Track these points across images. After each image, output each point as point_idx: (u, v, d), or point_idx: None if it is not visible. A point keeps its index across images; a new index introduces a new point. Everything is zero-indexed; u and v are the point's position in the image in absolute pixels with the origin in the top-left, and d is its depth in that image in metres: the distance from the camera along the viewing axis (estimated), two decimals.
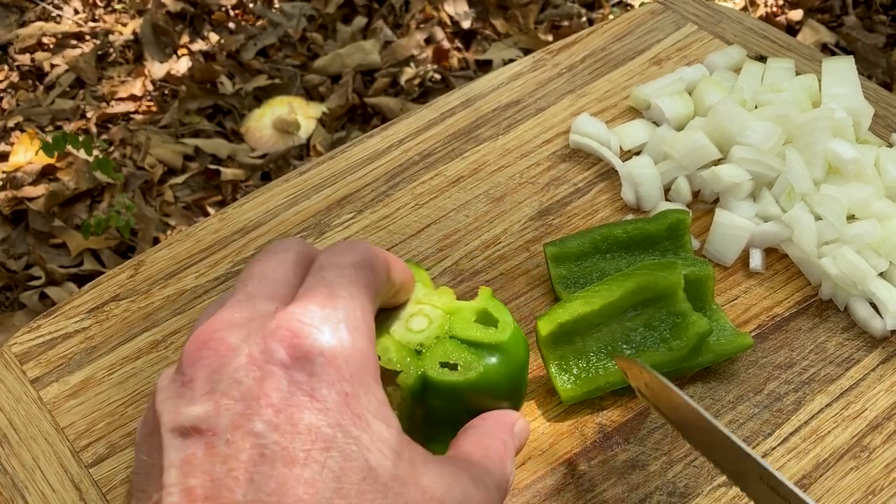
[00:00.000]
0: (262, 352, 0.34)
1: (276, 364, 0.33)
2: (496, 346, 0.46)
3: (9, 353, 0.61)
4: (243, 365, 0.33)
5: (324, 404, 0.33)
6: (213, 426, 0.32)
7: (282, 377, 0.33)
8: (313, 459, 0.32)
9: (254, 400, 0.33)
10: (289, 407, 0.33)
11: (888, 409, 0.56)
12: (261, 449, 0.32)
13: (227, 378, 0.33)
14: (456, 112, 0.75)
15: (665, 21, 0.82)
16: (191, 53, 2.03)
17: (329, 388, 0.33)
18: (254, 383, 0.33)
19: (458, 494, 0.37)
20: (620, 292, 0.56)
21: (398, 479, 0.34)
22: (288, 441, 0.32)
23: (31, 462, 0.56)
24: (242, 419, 0.32)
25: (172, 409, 0.34)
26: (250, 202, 0.70)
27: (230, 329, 0.35)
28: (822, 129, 0.64)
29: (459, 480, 0.38)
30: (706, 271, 0.59)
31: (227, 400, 0.33)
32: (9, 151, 1.84)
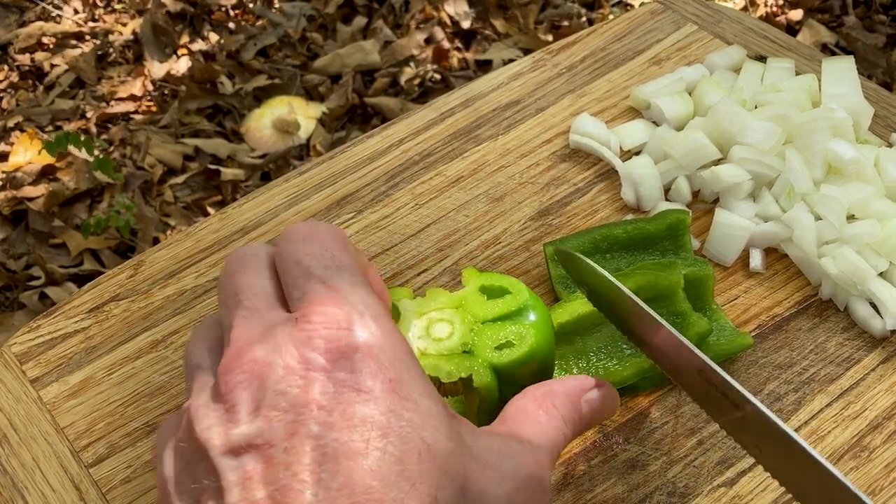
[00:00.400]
0: (300, 362, 0.34)
1: (317, 370, 0.34)
2: (525, 306, 0.47)
3: (8, 352, 0.61)
4: (283, 377, 0.34)
5: (371, 394, 0.34)
6: (269, 439, 0.33)
7: (325, 380, 0.34)
8: (374, 447, 0.33)
9: (303, 406, 0.33)
10: (339, 405, 0.33)
11: (888, 409, 0.56)
12: (322, 449, 0.32)
13: (271, 392, 0.34)
14: (456, 112, 0.75)
15: (665, 21, 0.82)
16: (191, 53, 2.03)
17: (373, 378, 0.34)
18: (299, 391, 0.33)
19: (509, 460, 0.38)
20: None
21: (453, 452, 0.35)
22: (346, 436, 0.32)
23: (30, 462, 0.56)
24: (296, 426, 0.33)
25: (220, 433, 0.34)
26: (250, 202, 0.70)
27: (255, 347, 0.35)
28: (821, 129, 0.64)
29: (508, 446, 0.38)
30: (706, 271, 0.59)
31: (275, 412, 0.33)
32: (9, 151, 1.84)
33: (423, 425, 0.34)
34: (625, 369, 0.55)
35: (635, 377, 0.55)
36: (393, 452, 0.33)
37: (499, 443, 0.38)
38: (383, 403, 0.34)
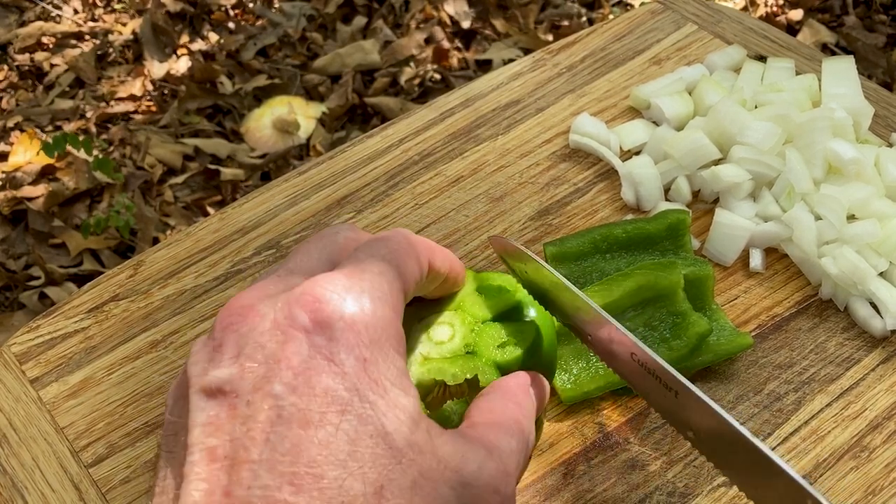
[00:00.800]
0: (286, 317, 0.34)
1: (299, 328, 0.34)
2: (524, 302, 0.47)
3: (8, 352, 0.61)
4: (268, 329, 0.34)
5: (341, 368, 0.34)
6: (237, 388, 0.33)
7: (303, 341, 0.34)
8: (328, 422, 0.32)
9: (275, 363, 0.33)
10: (307, 370, 0.33)
11: (888, 409, 0.56)
12: (278, 410, 0.32)
13: (253, 342, 0.34)
14: (456, 112, 0.75)
15: (665, 21, 0.82)
16: (190, 53, 2.03)
17: (347, 352, 0.34)
18: (277, 347, 0.34)
19: (472, 466, 0.37)
20: (620, 292, 0.56)
21: (413, 447, 0.35)
22: (304, 403, 0.33)
23: (30, 462, 0.56)
24: (263, 381, 0.33)
25: (201, 371, 0.35)
26: (250, 202, 0.70)
27: (262, 298, 0.36)
28: (822, 129, 0.64)
29: (474, 451, 0.38)
30: (706, 271, 0.59)
31: (251, 363, 0.34)
32: (8, 151, 1.84)
33: (385, 412, 0.34)
34: None
35: None
36: (347, 431, 0.33)
37: (464, 446, 0.38)
38: (350, 380, 0.34)
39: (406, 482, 0.34)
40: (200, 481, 0.32)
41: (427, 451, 0.35)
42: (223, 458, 0.32)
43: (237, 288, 0.64)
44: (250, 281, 0.64)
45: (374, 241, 0.40)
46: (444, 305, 0.48)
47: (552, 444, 0.55)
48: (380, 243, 0.40)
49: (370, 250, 0.39)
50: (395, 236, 0.41)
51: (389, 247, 0.39)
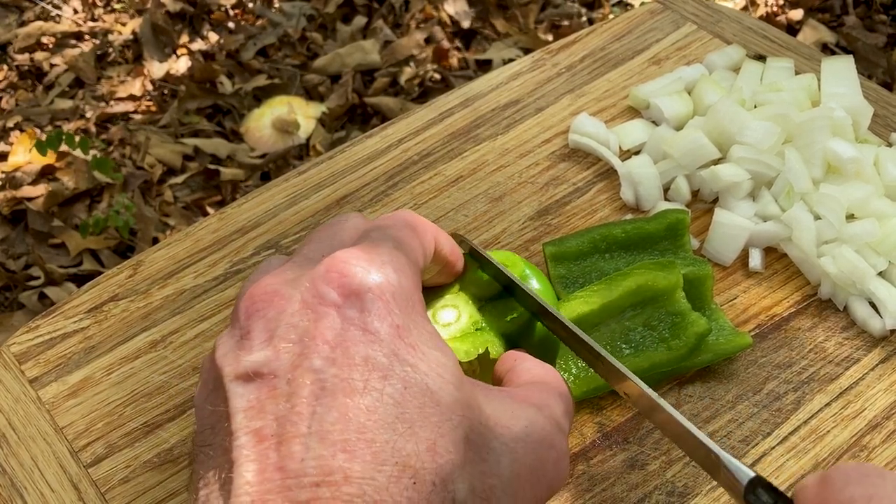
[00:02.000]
0: (314, 295, 0.35)
1: (329, 304, 0.35)
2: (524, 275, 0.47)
3: (7, 352, 0.61)
4: (297, 310, 0.35)
5: (377, 336, 0.34)
6: (274, 369, 0.34)
7: (335, 315, 0.34)
8: (372, 388, 0.33)
9: (310, 339, 0.34)
10: (344, 342, 0.34)
11: (887, 409, 0.56)
12: (321, 384, 0.33)
13: (284, 324, 0.35)
14: (455, 112, 0.75)
15: (664, 21, 0.82)
16: (190, 53, 2.03)
17: (380, 321, 0.34)
18: (309, 324, 0.34)
19: (523, 421, 0.38)
20: (619, 292, 0.56)
21: (461, 403, 0.35)
22: (346, 373, 0.33)
23: (29, 462, 0.56)
24: (301, 358, 0.33)
25: (233, 360, 0.35)
26: (249, 202, 0.70)
27: (282, 283, 0.36)
28: (821, 129, 0.64)
29: (523, 408, 0.38)
30: (705, 271, 0.58)
31: (285, 343, 0.34)
32: (8, 151, 1.84)
33: (427, 372, 0.34)
34: None
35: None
36: (392, 394, 0.33)
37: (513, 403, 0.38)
38: (387, 346, 0.34)
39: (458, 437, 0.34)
40: (250, 462, 0.32)
41: (475, 408, 0.36)
42: (270, 436, 0.32)
43: (236, 288, 0.64)
44: None
45: (384, 221, 0.41)
46: (445, 291, 0.48)
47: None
48: (389, 223, 0.41)
49: (381, 230, 0.40)
50: (403, 216, 0.41)
51: (398, 226, 0.40)
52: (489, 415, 0.36)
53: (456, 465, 0.33)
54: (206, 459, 0.34)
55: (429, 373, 0.34)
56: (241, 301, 0.37)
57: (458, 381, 0.35)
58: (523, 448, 0.37)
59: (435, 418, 0.33)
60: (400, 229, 0.40)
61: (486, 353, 0.45)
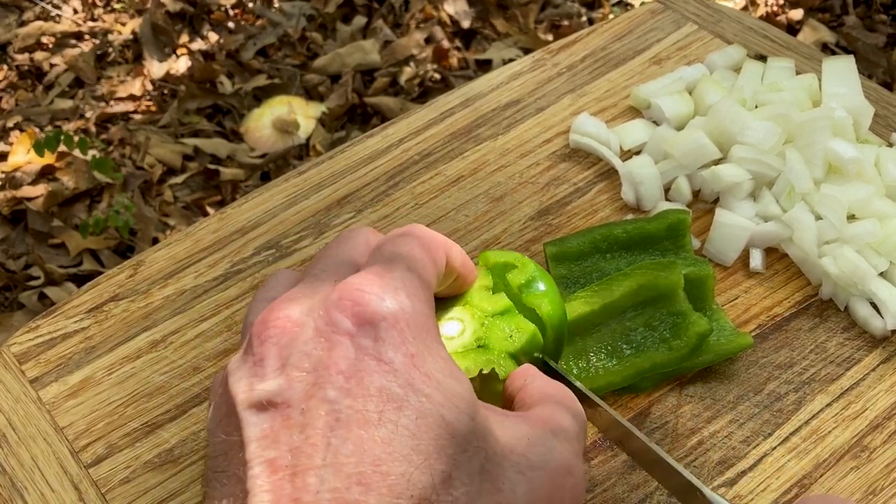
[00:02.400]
0: (327, 323, 0.35)
1: (342, 333, 0.34)
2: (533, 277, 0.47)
3: (8, 352, 0.61)
4: (311, 338, 0.34)
5: (391, 366, 0.34)
6: (288, 399, 0.33)
7: (348, 345, 0.34)
8: (387, 419, 0.33)
9: (324, 369, 0.34)
10: (358, 372, 0.33)
11: (889, 409, 0.56)
12: (335, 415, 0.33)
13: (297, 352, 0.34)
14: (455, 112, 0.75)
15: (665, 20, 0.82)
16: (190, 53, 2.03)
17: (395, 350, 0.34)
18: (323, 353, 0.34)
19: (540, 448, 0.37)
20: (620, 292, 0.56)
21: (476, 433, 0.35)
22: (361, 404, 0.33)
23: (29, 462, 0.56)
24: (315, 388, 0.33)
25: (246, 387, 0.35)
26: (249, 202, 0.70)
27: (294, 307, 0.36)
28: (822, 129, 0.64)
29: (539, 434, 0.38)
30: (706, 271, 0.58)
31: (298, 372, 0.34)
32: (8, 151, 1.84)
33: (443, 403, 0.34)
34: (625, 369, 0.55)
35: (635, 377, 0.55)
36: (407, 426, 0.33)
37: (528, 429, 0.38)
38: (402, 376, 0.34)
39: (474, 469, 0.34)
40: (265, 493, 0.32)
41: (490, 437, 0.35)
42: (285, 467, 0.32)
43: (237, 288, 0.64)
44: (250, 281, 0.64)
45: (395, 238, 0.40)
46: (452, 302, 0.48)
47: None
48: (400, 240, 0.40)
49: (393, 248, 0.39)
50: (413, 232, 0.41)
51: (410, 243, 0.40)
52: (504, 443, 0.36)
53: (472, 496, 0.33)
54: (219, 486, 0.34)
55: (444, 403, 0.34)
56: (253, 325, 0.36)
57: (473, 410, 0.35)
58: (540, 476, 0.37)
59: (450, 450, 0.33)
60: (411, 247, 0.40)
61: (490, 374, 0.45)
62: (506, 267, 0.49)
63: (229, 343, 0.61)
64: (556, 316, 0.48)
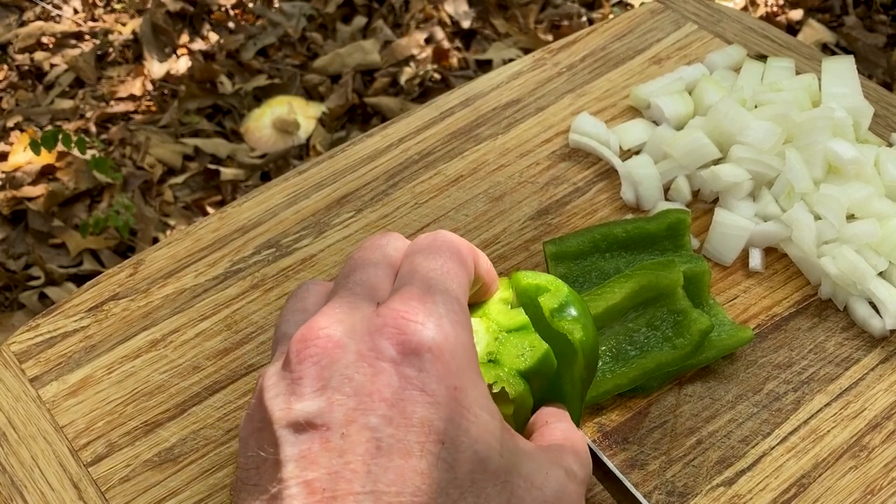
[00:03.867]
0: (371, 349, 0.34)
1: (386, 360, 0.34)
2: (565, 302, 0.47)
3: (8, 351, 0.61)
4: (353, 362, 0.34)
5: (434, 398, 0.34)
6: (328, 421, 0.33)
7: (392, 373, 0.34)
8: (428, 451, 0.33)
9: (366, 395, 0.33)
10: (401, 401, 0.33)
11: (887, 409, 0.56)
12: (377, 442, 0.33)
13: (338, 375, 0.34)
14: (455, 111, 0.75)
15: (665, 20, 0.82)
16: (190, 53, 2.03)
17: (438, 382, 0.34)
18: (365, 379, 0.34)
19: (554, 484, 0.38)
20: (622, 294, 0.56)
21: (505, 468, 0.35)
22: (403, 434, 0.33)
23: (29, 461, 0.56)
24: (356, 413, 0.33)
25: (284, 405, 0.34)
26: (249, 201, 0.70)
27: (335, 326, 0.36)
28: (821, 129, 0.64)
29: (555, 471, 0.39)
30: (702, 267, 0.59)
31: (339, 396, 0.34)
32: (8, 151, 1.84)
33: (479, 438, 0.34)
34: (631, 371, 0.55)
35: (641, 379, 0.55)
36: (446, 459, 0.33)
37: (546, 464, 0.39)
38: (444, 410, 0.34)
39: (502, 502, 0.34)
40: None
41: (514, 470, 0.36)
42: (322, 490, 0.32)
43: (236, 287, 0.64)
44: (250, 280, 0.64)
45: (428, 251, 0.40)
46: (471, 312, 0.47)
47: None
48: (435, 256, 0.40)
49: (430, 264, 0.39)
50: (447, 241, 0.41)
51: (444, 257, 0.40)
52: (525, 475, 0.37)
53: None
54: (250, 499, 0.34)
55: (479, 438, 0.34)
56: (292, 341, 0.36)
57: (502, 444, 0.36)
58: None
59: (483, 483, 0.34)
60: (446, 261, 0.39)
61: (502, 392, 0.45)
62: (538, 290, 0.48)
63: (229, 342, 0.61)
64: (588, 342, 0.47)
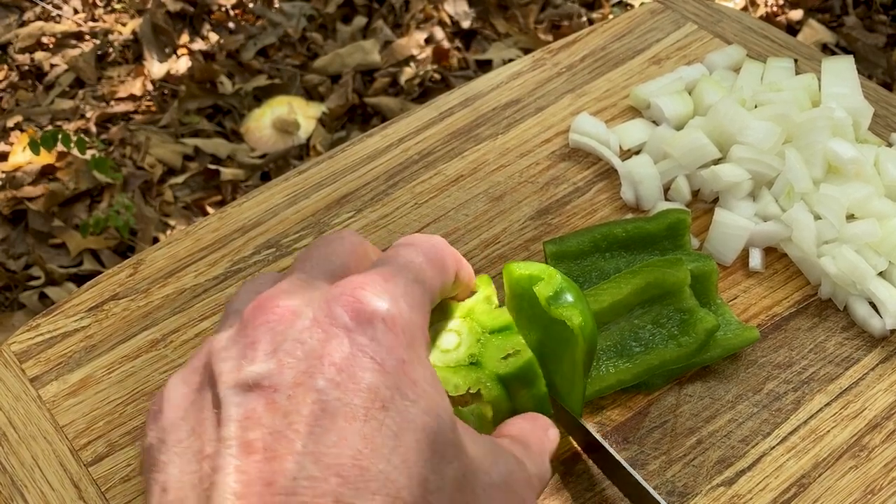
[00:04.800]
0: (326, 315, 0.35)
1: (340, 327, 0.34)
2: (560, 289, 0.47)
3: (8, 351, 0.61)
4: (307, 327, 0.34)
5: (383, 367, 0.34)
6: (276, 383, 0.33)
7: (344, 339, 0.34)
8: (373, 417, 0.33)
9: (317, 359, 0.34)
10: (351, 367, 0.33)
11: (887, 409, 0.56)
12: (322, 404, 0.33)
13: (291, 339, 0.34)
14: (455, 111, 0.75)
15: (665, 20, 0.82)
16: (190, 53, 2.03)
17: (389, 353, 0.34)
18: (317, 344, 0.34)
19: (503, 469, 0.38)
20: (628, 290, 0.56)
21: (453, 445, 0.35)
22: (349, 398, 0.33)
23: (30, 460, 0.56)
24: (305, 376, 0.33)
25: (234, 367, 0.34)
26: (249, 201, 0.70)
27: (291, 296, 0.36)
28: (821, 129, 0.64)
29: (505, 457, 0.39)
30: (710, 266, 0.59)
31: (290, 359, 0.34)
32: (8, 151, 1.84)
33: (427, 411, 0.34)
34: (635, 367, 0.55)
35: (645, 374, 0.55)
36: (391, 426, 0.33)
37: (495, 450, 0.39)
38: (392, 379, 0.34)
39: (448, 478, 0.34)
40: (240, 472, 0.32)
41: (464, 451, 0.36)
42: (262, 449, 0.32)
43: (237, 287, 0.64)
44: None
45: (408, 246, 0.41)
46: (455, 312, 0.47)
47: None
48: (413, 250, 0.40)
49: (406, 255, 0.40)
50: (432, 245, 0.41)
51: (423, 255, 0.40)
52: (473, 457, 0.37)
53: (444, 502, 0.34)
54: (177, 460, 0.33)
55: (427, 412, 0.34)
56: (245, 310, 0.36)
57: (451, 422, 0.36)
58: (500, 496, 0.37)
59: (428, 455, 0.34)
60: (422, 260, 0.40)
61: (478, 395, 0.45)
62: (531, 279, 0.48)
63: None
64: (587, 328, 0.47)
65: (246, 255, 0.66)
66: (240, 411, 0.33)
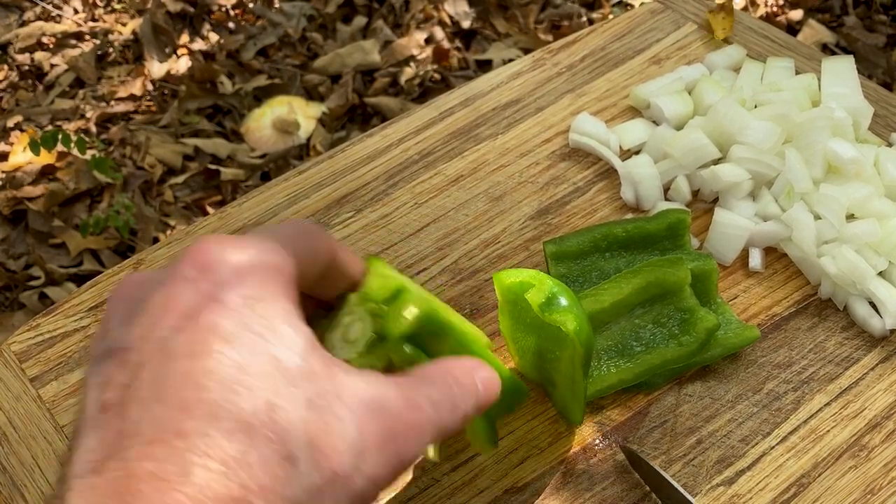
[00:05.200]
0: (172, 275, 0.36)
1: (184, 279, 0.35)
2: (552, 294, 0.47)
3: (8, 351, 0.61)
4: (154, 290, 0.36)
5: (226, 305, 0.35)
6: (125, 344, 0.35)
7: (189, 289, 0.35)
8: (216, 352, 0.34)
9: (162, 313, 0.35)
10: (195, 312, 0.34)
11: (887, 409, 0.56)
12: (166, 351, 0.34)
13: (140, 304, 0.36)
14: (455, 111, 0.75)
15: (665, 20, 0.82)
16: (190, 53, 2.03)
17: (234, 291, 0.35)
18: (163, 299, 0.35)
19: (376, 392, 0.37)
20: (629, 289, 0.56)
21: (308, 373, 0.35)
22: (191, 338, 0.34)
23: (30, 460, 0.56)
24: (150, 329, 0.34)
25: (93, 345, 0.36)
26: (249, 201, 0.70)
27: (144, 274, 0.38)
28: (821, 129, 0.64)
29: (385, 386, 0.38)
30: (710, 265, 0.59)
31: (138, 318, 0.35)
32: (8, 151, 1.84)
33: (276, 343, 0.35)
34: (636, 366, 0.55)
35: (646, 374, 0.55)
36: (235, 358, 0.34)
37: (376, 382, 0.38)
38: (237, 316, 0.34)
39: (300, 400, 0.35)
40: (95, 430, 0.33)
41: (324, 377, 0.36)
42: (113, 406, 0.33)
43: None
44: None
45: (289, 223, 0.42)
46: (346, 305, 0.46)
47: (551, 443, 0.55)
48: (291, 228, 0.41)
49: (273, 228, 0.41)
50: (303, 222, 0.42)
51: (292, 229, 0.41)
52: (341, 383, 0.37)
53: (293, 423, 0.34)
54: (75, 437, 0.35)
55: (277, 344, 0.35)
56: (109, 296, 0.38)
57: (307, 352, 0.36)
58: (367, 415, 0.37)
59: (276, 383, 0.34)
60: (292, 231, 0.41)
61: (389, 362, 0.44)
62: (522, 286, 0.48)
63: None
64: (583, 332, 0.47)
65: None
66: (97, 379, 0.34)
